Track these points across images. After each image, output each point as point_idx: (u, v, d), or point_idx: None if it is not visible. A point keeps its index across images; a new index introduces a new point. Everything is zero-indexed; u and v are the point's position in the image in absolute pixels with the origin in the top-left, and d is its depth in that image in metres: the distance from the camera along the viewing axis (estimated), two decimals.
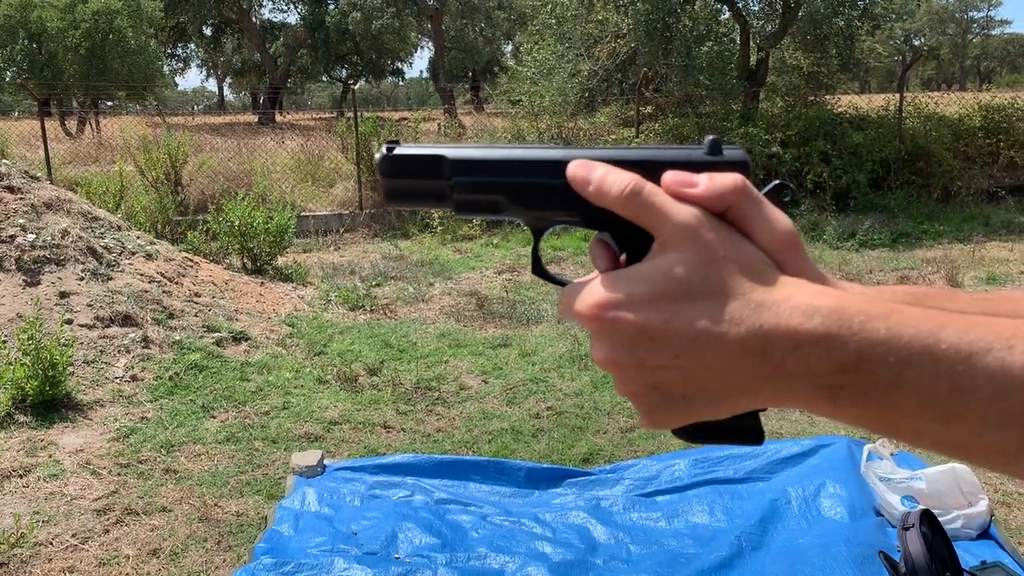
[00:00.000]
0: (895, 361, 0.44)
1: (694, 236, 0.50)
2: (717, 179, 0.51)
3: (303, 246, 10.05)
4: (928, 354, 0.44)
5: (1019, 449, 0.43)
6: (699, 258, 0.49)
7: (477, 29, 39.97)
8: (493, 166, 0.57)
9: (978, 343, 0.43)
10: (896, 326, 0.45)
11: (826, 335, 0.46)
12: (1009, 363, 0.42)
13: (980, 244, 9.46)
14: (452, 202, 0.59)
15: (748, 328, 0.47)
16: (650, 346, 0.49)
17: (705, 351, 0.48)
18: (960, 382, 0.43)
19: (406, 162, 0.59)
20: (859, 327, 0.45)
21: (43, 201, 6.37)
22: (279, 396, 5.07)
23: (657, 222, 0.51)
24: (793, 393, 0.48)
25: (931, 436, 0.46)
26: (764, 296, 0.48)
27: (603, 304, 0.50)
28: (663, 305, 0.49)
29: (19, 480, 3.95)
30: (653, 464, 3.93)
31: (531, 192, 0.57)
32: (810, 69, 13.80)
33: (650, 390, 0.51)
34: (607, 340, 0.51)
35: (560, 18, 14.49)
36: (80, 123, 22.02)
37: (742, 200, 0.51)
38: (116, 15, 23.80)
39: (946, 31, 64.64)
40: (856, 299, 0.47)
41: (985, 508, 3.26)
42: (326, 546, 3.27)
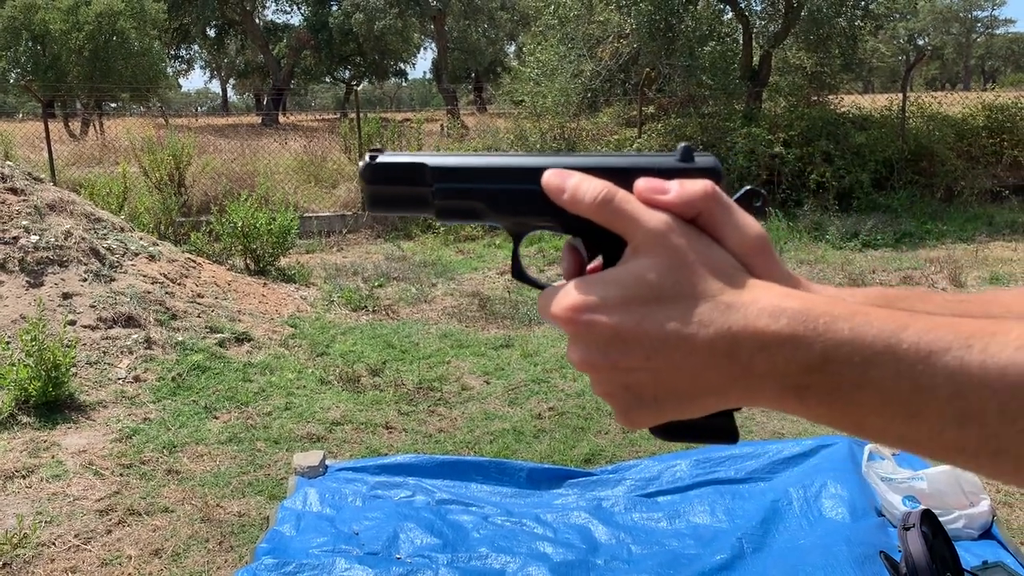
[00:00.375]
0: (859, 361, 0.45)
1: (665, 241, 0.51)
2: (687, 185, 0.53)
3: (306, 247, 10.07)
4: (890, 353, 0.45)
5: (979, 446, 0.44)
6: (670, 262, 0.50)
7: (480, 30, 39.99)
8: (473, 173, 0.59)
9: (938, 343, 0.44)
10: (860, 327, 0.46)
11: (792, 336, 0.47)
12: (967, 362, 0.43)
13: (984, 244, 9.45)
14: (434, 208, 0.60)
15: (717, 330, 0.48)
16: (622, 348, 0.50)
17: (675, 352, 0.49)
18: (920, 381, 0.44)
19: (389, 170, 0.60)
20: (824, 328, 0.46)
21: (46, 203, 6.39)
22: (281, 397, 5.08)
23: (629, 228, 0.52)
24: (761, 393, 0.49)
25: (894, 433, 0.47)
26: (732, 299, 0.49)
27: (577, 307, 0.52)
28: (635, 308, 0.50)
29: (22, 480, 3.96)
30: (654, 464, 3.93)
31: (509, 198, 0.58)
32: (813, 69, 13.78)
33: (623, 391, 0.52)
34: (582, 342, 0.52)
35: (563, 19, 14.49)
36: (84, 125, 22.10)
37: (712, 206, 0.52)
38: (120, 17, 23.86)
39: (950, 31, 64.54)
40: (822, 301, 0.48)
41: (987, 508, 3.25)
42: (328, 546, 3.28)
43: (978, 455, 0.45)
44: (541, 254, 9.47)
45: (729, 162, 11.27)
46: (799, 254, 9.20)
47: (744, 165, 11.17)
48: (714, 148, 11.59)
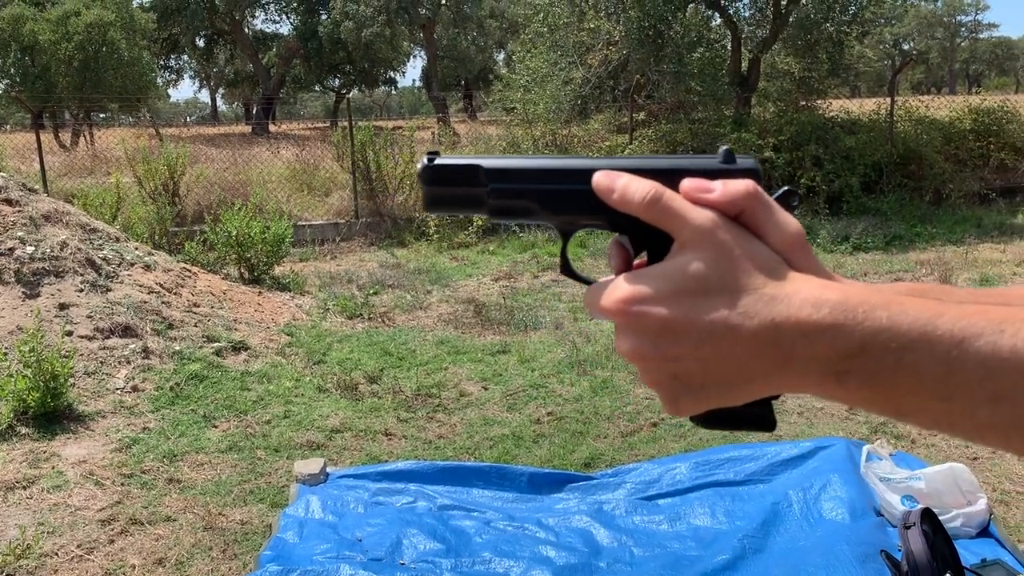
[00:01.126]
0: (896, 347, 0.48)
1: (711, 237, 0.54)
2: (731, 185, 0.56)
3: (300, 255, 10.07)
4: (925, 340, 0.48)
5: (1010, 424, 0.47)
6: (716, 257, 0.53)
7: (469, 38, 40.06)
8: (525, 174, 0.62)
9: (970, 328, 0.47)
10: (896, 315, 0.49)
11: (833, 324, 0.50)
12: (999, 346, 0.47)
13: (973, 246, 9.53)
14: (487, 208, 0.63)
15: (761, 320, 0.52)
16: (672, 338, 0.53)
17: (722, 342, 0.52)
18: (954, 365, 0.47)
19: (446, 171, 0.63)
20: (863, 316, 0.49)
21: (41, 213, 6.39)
22: (280, 405, 5.09)
23: (676, 225, 0.55)
24: (804, 379, 0.52)
25: (931, 414, 0.50)
26: (776, 290, 0.52)
27: (628, 299, 0.55)
28: (684, 300, 0.53)
29: (23, 492, 3.96)
30: (654, 468, 3.96)
31: (560, 198, 0.61)
32: (801, 74, 13.88)
33: (671, 379, 0.55)
34: (632, 333, 0.55)
35: (552, 26, 14.55)
36: (74, 135, 22.03)
37: (754, 204, 0.55)
38: (109, 27, 23.82)
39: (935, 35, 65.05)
40: (859, 291, 0.52)
41: (984, 507, 3.29)
42: (331, 553, 3.29)
43: (1009, 433, 0.48)
44: (535, 260, 9.50)
45: None
46: None
47: None
48: (704, 153, 11.64)
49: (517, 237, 10.59)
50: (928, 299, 0.51)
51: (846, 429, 4.49)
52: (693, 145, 11.83)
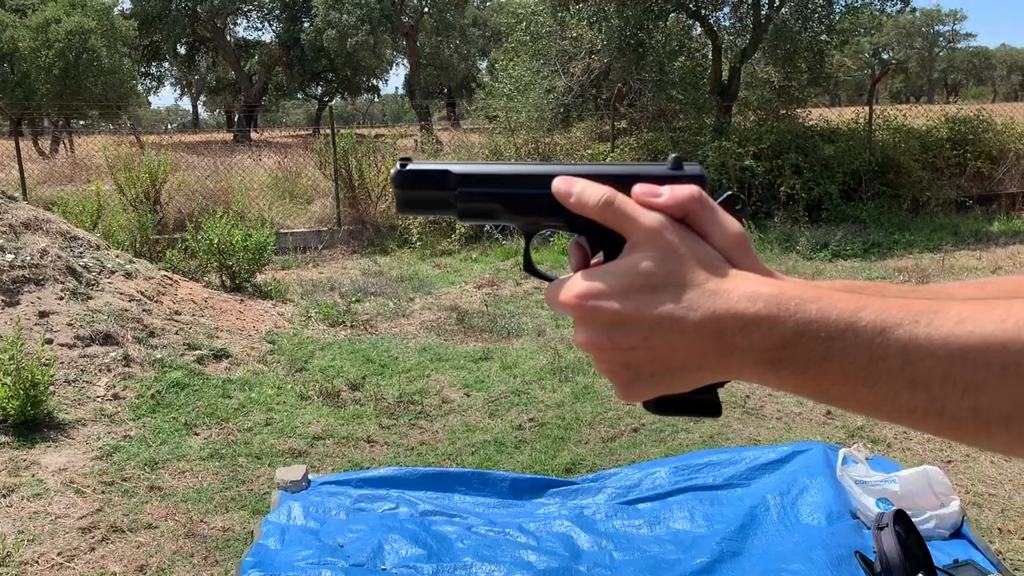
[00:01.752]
0: (824, 336, 0.53)
1: (659, 237, 0.59)
2: (678, 190, 0.61)
3: (282, 263, 10.06)
4: (851, 329, 0.53)
5: (927, 408, 0.52)
6: (663, 255, 0.58)
7: (452, 46, 40.15)
8: (491, 179, 0.67)
9: (891, 319, 0.52)
10: (825, 307, 0.54)
11: (767, 316, 0.55)
12: (915, 335, 0.51)
13: (949, 253, 9.66)
14: (456, 210, 0.68)
15: (704, 313, 0.56)
16: (623, 330, 0.58)
17: (669, 333, 0.57)
18: (876, 352, 0.52)
19: (417, 176, 0.68)
20: (795, 309, 0.54)
21: (21, 221, 6.36)
22: (262, 412, 5.09)
23: (628, 226, 0.60)
24: (743, 367, 0.57)
25: (857, 399, 0.54)
26: (717, 286, 0.57)
27: (584, 295, 0.59)
28: (634, 295, 0.58)
29: (3, 500, 3.94)
30: (634, 472, 4.00)
31: (523, 201, 0.66)
32: (781, 83, 14.03)
33: (623, 368, 0.60)
34: (587, 326, 0.60)
35: (535, 35, 14.65)
36: (53, 143, 21.87)
37: (698, 207, 0.60)
38: (90, 34, 23.70)
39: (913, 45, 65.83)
40: (792, 286, 0.56)
41: (957, 508, 3.35)
42: (313, 559, 3.30)
43: (927, 416, 0.52)
44: (517, 267, 9.53)
45: None
46: (770, 264, 9.06)
47: (715, 178, 11.33)
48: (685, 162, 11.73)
49: (500, 244, 10.63)
50: (856, 293, 0.55)
51: (823, 434, 4.55)
52: (673, 152, 11.90)
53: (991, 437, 0.51)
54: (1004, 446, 0.51)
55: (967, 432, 0.51)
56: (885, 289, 0.65)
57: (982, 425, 0.50)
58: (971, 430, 0.51)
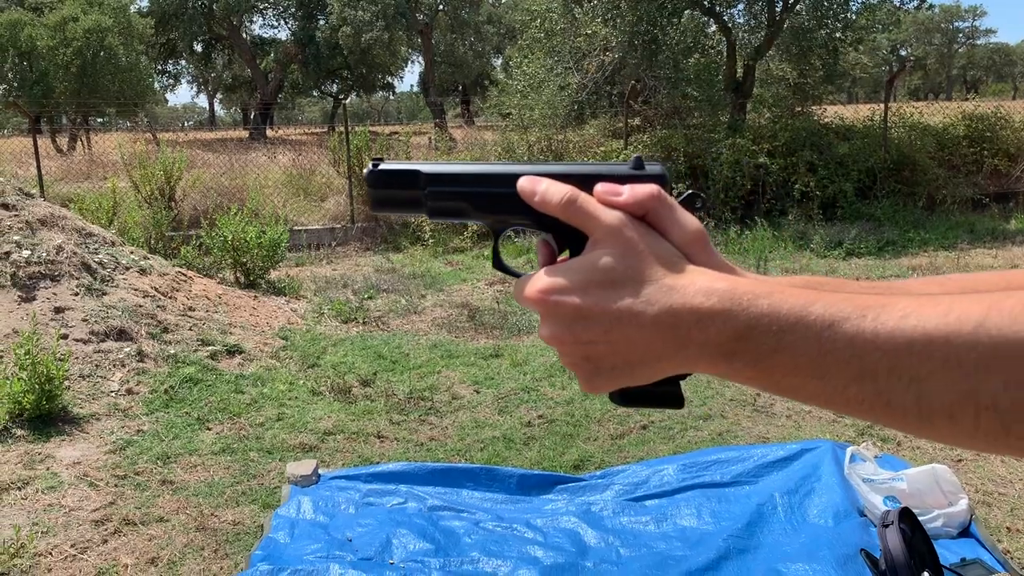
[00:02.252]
0: (776, 330, 0.55)
1: (619, 234, 0.61)
2: (638, 189, 0.62)
3: (295, 260, 10.12)
4: (801, 323, 0.54)
5: (874, 399, 0.53)
6: (623, 252, 0.60)
7: (467, 43, 40.17)
8: (459, 179, 0.69)
9: (839, 313, 0.54)
10: (776, 302, 0.55)
11: (721, 311, 0.56)
12: (862, 328, 0.53)
13: (965, 251, 9.59)
14: (427, 208, 0.70)
15: (661, 307, 0.58)
16: (584, 324, 0.60)
17: (628, 326, 0.59)
18: (825, 345, 0.53)
19: (389, 176, 0.70)
20: (748, 304, 0.56)
21: (38, 218, 6.43)
22: (273, 408, 5.13)
23: (589, 224, 0.62)
24: (699, 360, 0.58)
25: (807, 391, 0.56)
26: (673, 281, 0.59)
27: (546, 290, 0.61)
28: (594, 290, 0.60)
29: (18, 492, 3.99)
30: (642, 469, 4.01)
31: (490, 200, 0.68)
32: (796, 81, 13.96)
33: (585, 361, 0.61)
34: (550, 320, 0.62)
35: (549, 32, 14.63)
36: (71, 140, 22.07)
37: (658, 206, 0.62)
38: (107, 33, 23.88)
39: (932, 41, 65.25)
40: (746, 282, 0.58)
41: (965, 507, 3.34)
42: (322, 553, 3.33)
43: (874, 407, 0.54)
44: (529, 264, 9.54)
45: (714, 173, 11.40)
46: (784, 263, 9.31)
47: (729, 175, 11.30)
48: (699, 159, 11.72)
49: (512, 242, 10.64)
50: (809, 289, 0.57)
51: (833, 432, 4.54)
52: (688, 151, 11.89)
53: (935, 428, 0.52)
54: (949, 437, 0.52)
55: (912, 423, 0.53)
56: (843, 285, 0.66)
57: (926, 416, 0.52)
58: (916, 421, 0.52)
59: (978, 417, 0.50)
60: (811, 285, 0.60)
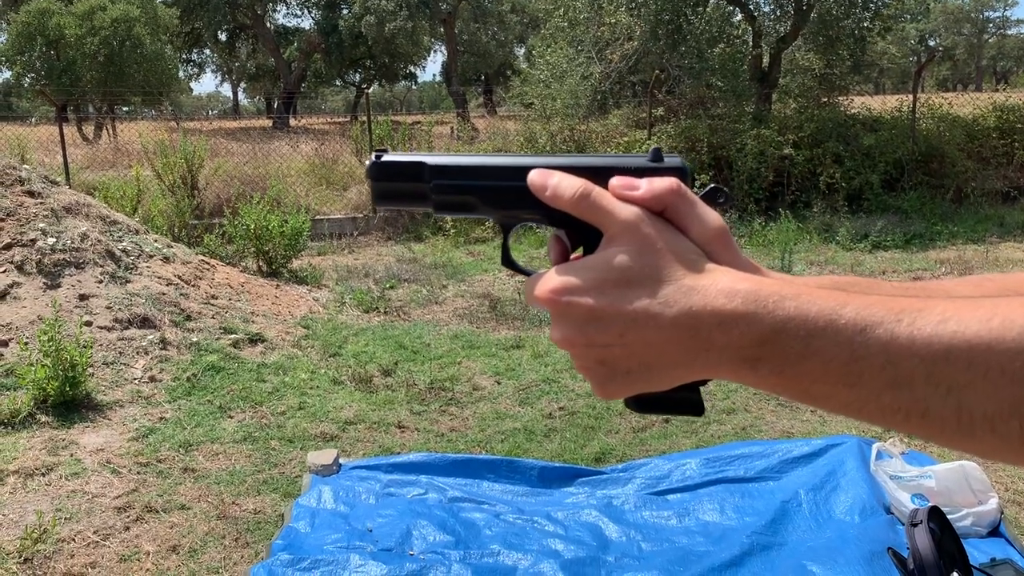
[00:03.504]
0: (803, 334, 0.51)
1: (636, 231, 0.57)
2: (656, 182, 0.58)
3: (318, 249, 10.14)
4: (831, 327, 0.50)
5: (910, 408, 0.49)
6: (640, 249, 0.56)
7: (490, 33, 40.07)
8: (466, 171, 0.65)
9: (872, 317, 0.50)
10: (804, 304, 0.51)
11: (745, 313, 0.52)
12: (897, 333, 0.49)
13: (994, 245, 9.44)
14: (432, 202, 0.66)
15: (680, 309, 0.54)
16: (598, 326, 0.56)
17: (644, 329, 0.55)
18: (857, 351, 0.50)
19: (392, 168, 0.66)
20: (773, 306, 0.52)
21: (63, 205, 6.48)
22: (295, 396, 5.14)
23: (604, 220, 0.58)
24: (720, 365, 0.54)
25: (838, 399, 0.52)
26: (694, 281, 0.55)
27: (558, 290, 0.57)
28: (609, 290, 0.56)
29: (42, 478, 4.03)
30: (664, 463, 3.97)
31: (499, 194, 0.64)
32: (822, 71, 13.77)
33: (598, 365, 0.58)
34: (562, 321, 0.58)
35: (572, 21, 14.53)
36: (97, 128, 22.26)
37: (677, 200, 0.58)
38: (135, 22, 24.04)
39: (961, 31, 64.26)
40: (771, 283, 0.54)
41: (995, 506, 3.28)
42: (342, 543, 3.32)
43: (909, 417, 0.50)
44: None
45: (739, 164, 11.28)
46: (809, 255, 9.21)
47: (754, 167, 11.19)
48: (723, 150, 11.61)
49: (534, 232, 10.60)
50: (839, 290, 0.53)
51: (859, 427, 4.47)
52: (713, 141, 11.78)
53: (975, 440, 0.48)
54: (990, 450, 0.49)
55: (951, 435, 0.49)
56: (874, 286, 0.62)
57: (966, 428, 0.48)
58: (955, 432, 0.49)
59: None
60: (839, 286, 0.56)
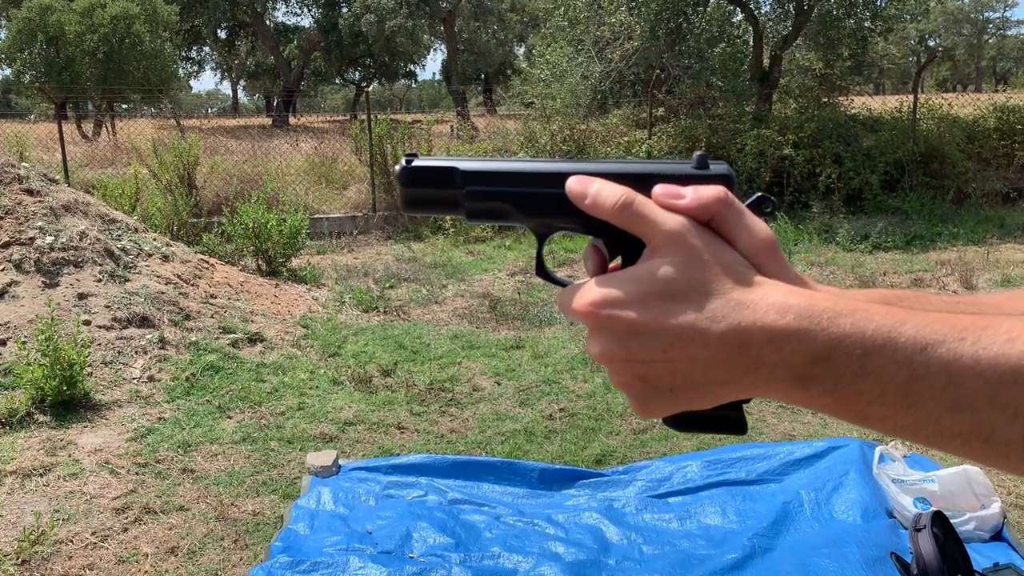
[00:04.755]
0: (860, 353, 0.49)
1: (681, 242, 0.54)
2: (702, 191, 0.56)
3: (317, 248, 10.11)
4: (889, 345, 0.48)
5: (972, 432, 0.47)
6: (686, 261, 0.54)
7: (490, 31, 40.03)
8: (502, 177, 0.62)
9: (933, 336, 0.48)
10: (860, 321, 0.49)
11: (798, 330, 0.50)
12: (960, 353, 0.47)
13: (995, 246, 9.42)
14: (464, 210, 0.64)
15: (729, 324, 0.52)
16: (641, 341, 0.54)
17: (690, 345, 0.52)
18: (917, 371, 0.48)
19: (423, 173, 0.64)
20: (828, 323, 0.50)
21: (61, 204, 6.45)
22: (294, 397, 5.12)
23: (648, 230, 0.56)
24: (770, 384, 0.52)
25: (895, 421, 0.50)
26: (743, 296, 0.52)
27: (599, 302, 0.55)
28: (653, 303, 0.53)
29: (39, 479, 4.01)
30: (665, 465, 3.95)
31: (535, 201, 0.62)
32: (823, 71, 13.76)
33: (639, 381, 0.55)
34: (602, 335, 0.55)
35: (573, 20, 14.52)
36: (96, 126, 22.22)
37: (724, 210, 0.56)
38: (134, 20, 24.00)
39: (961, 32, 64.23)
40: (825, 298, 0.51)
41: (998, 510, 3.26)
42: (341, 545, 3.31)
43: (971, 441, 0.48)
44: (551, 255, 9.49)
45: (738, 164, 11.26)
46: (809, 256, 9.19)
47: (753, 167, 11.17)
48: (723, 150, 11.59)
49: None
50: (894, 306, 0.51)
51: (860, 430, 4.46)
52: (713, 141, 11.76)
53: None
54: None
55: (1015, 460, 0.47)
56: (926, 301, 0.60)
57: None
58: (1021, 457, 0.47)
59: None
60: (889, 301, 0.54)
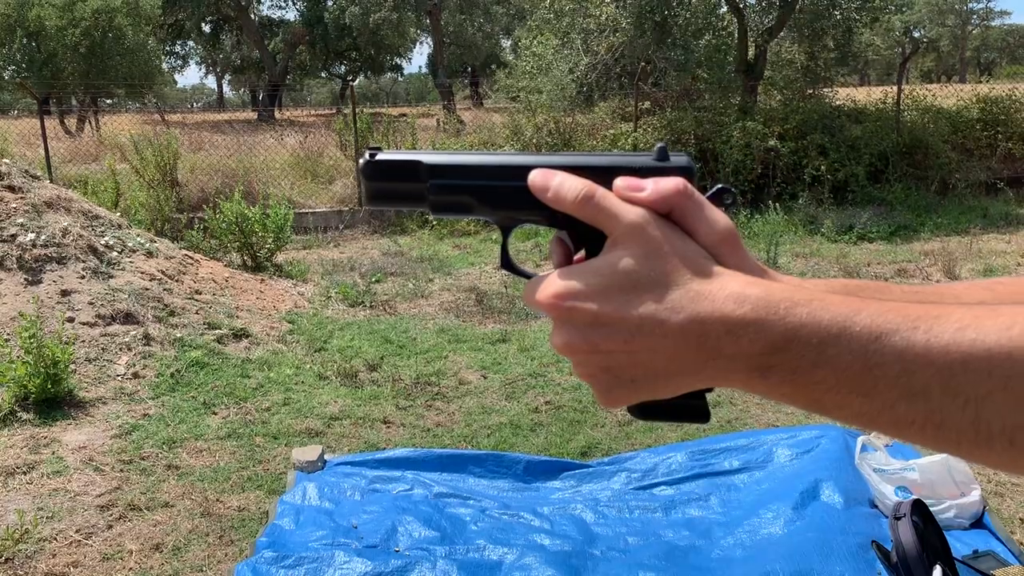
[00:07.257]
0: (816, 342, 0.49)
1: (641, 234, 0.55)
2: (662, 183, 0.56)
3: (303, 243, 10.08)
4: (844, 335, 0.49)
5: (925, 419, 0.48)
6: (645, 253, 0.54)
7: (476, 24, 39.90)
8: (465, 171, 0.63)
9: (887, 325, 0.48)
10: (816, 311, 0.50)
11: (755, 320, 0.51)
12: (913, 341, 0.47)
13: (978, 236, 9.49)
14: (428, 203, 0.64)
15: (687, 315, 0.52)
16: (602, 332, 0.54)
17: (651, 336, 0.53)
18: (872, 359, 0.48)
19: (387, 167, 0.64)
20: (784, 312, 0.50)
21: (44, 200, 6.41)
22: (280, 392, 5.11)
23: (608, 222, 0.56)
24: (729, 373, 0.53)
25: (851, 409, 0.50)
26: (702, 287, 0.53)
27: (561, 294, 0.56)
28: (613, 295, 0.54)
29: (23, 477, 3.99)
30: (650, 457, 3.97)
31: (499, 195, 0.62)
32: (808, 63, 13.79)
33: (602, 372, 0.56)
34: (565, 327, 0.56)
35: (558, 12, 14.49)
36: (80, 121, 22.03)
37: (684, 202, 0.56)
38: (116, 13, 23.79)
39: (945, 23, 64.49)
40: (782, 288, 0.52)
41: (978, 498, 3.29)
42: (327, 539, 3.31)
43: (924, 428, 0.48)
44: (537, 248, 9.50)
45: (724, 156, 11.29)
46: (794, 247, 9.23)
47: (739, 159, 11.20)
48: (709, 142, 11.62)
49: (520, 228, 10.57)
50: (852, 296, 0.51)
51: None
52: (698, 133, 11.78)
53: (993, 453, 0.47)
54: (1007, 462, 0.47)
55: (967, 447, 0.48)
56: (885, 291, 0.61)
57: (983, 440, 0.47)
58: (972, 444, 0.48)
59: None
60: (849, 290, 0.55)
